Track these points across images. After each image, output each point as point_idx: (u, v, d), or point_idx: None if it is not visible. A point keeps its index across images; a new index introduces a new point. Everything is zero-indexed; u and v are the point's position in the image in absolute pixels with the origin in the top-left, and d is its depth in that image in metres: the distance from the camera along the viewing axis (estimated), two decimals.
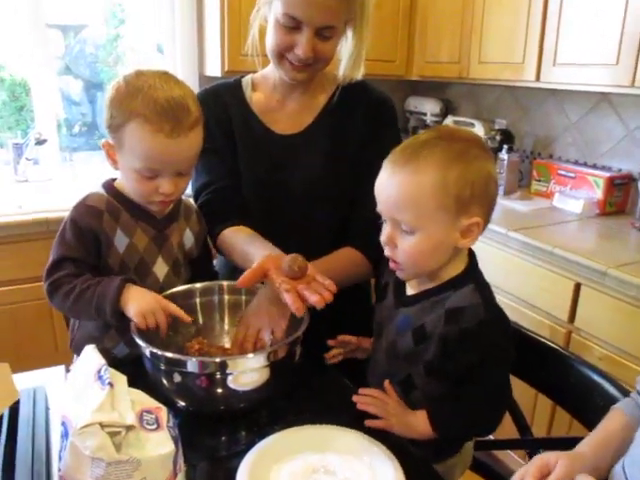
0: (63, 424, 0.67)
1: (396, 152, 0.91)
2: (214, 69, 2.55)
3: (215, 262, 1.32)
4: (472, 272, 0.94)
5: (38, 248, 1.99)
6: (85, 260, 1.01)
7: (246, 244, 1.11)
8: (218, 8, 2.37)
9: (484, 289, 0.92)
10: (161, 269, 1.09)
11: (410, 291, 0.98)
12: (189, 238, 1.14)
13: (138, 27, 2.84)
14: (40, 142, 2.42)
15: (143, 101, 0.94)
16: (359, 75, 1.20)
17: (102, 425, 0.61)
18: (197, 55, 2.71)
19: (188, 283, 1.11)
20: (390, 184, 0.88)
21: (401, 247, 0.89)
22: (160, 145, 0.95)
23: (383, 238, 0.91)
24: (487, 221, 0.91)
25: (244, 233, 1.15)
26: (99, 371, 0.68)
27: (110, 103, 0.97)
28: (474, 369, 0.89)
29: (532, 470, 0.74)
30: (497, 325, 0.91)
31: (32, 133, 2.42)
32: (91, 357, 0.71)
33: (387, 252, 0.92)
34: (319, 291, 0.89)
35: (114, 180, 1.08)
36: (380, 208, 0.91)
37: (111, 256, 1.03)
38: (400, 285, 1.00)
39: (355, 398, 0.94)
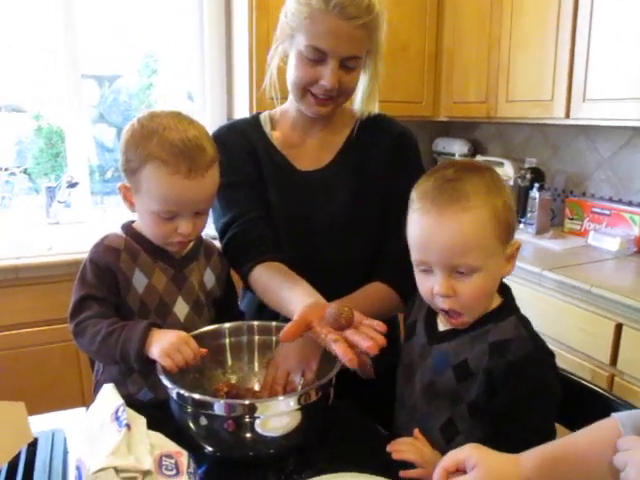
0: (78, 468, 0.64)
1: (427, 192, 0.84)
2: (242, 112, 2.58)
3: (240, 301, 1.29)
4: (510, 304, 0.91)
5: (67, 290, 1.96)
6: (108, 299, 1.00)
7: (281, 287, 1.04)
8: (247, 53, 2.42)
9: (526, 322, 0.88)
10: (182, 309, 1.07)
11: (443, 327, 0.93)
12: (210, 278, 1.12)
13: (170, 76, 2.92)
14: (72, 185, 2.46)
15: (158, 143, 0.94)
16: (375, 109, 1.19)
17: (117, 470, 0.58)
18: (226, 99, 2.76)
19: (212, 323, 1.08)
20: (441, 229, 0.82)
21: (464, 292, 0.84)
22: (178, 187, 0.94)
23: (440, 290, 0.84)
24: None
25: (277, 272, 1.09)
26: (116, 411, 0.65)
27: (125, 147, 0.97)
28: (519, 406, 0.84)
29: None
30: (545, 359, 0.86)
31: (64, 176, 2.47)
32: (109, 397, 0.69)
33: (444, 304, 0.85)
34: (371, 335, 0.82)
35: (133, 222, 1.09)
36: (428, 258, 0.84)
37: (130, 296, 1.02)
38: (431, 321, 0.95)
39: (390, 448, 0.86)
